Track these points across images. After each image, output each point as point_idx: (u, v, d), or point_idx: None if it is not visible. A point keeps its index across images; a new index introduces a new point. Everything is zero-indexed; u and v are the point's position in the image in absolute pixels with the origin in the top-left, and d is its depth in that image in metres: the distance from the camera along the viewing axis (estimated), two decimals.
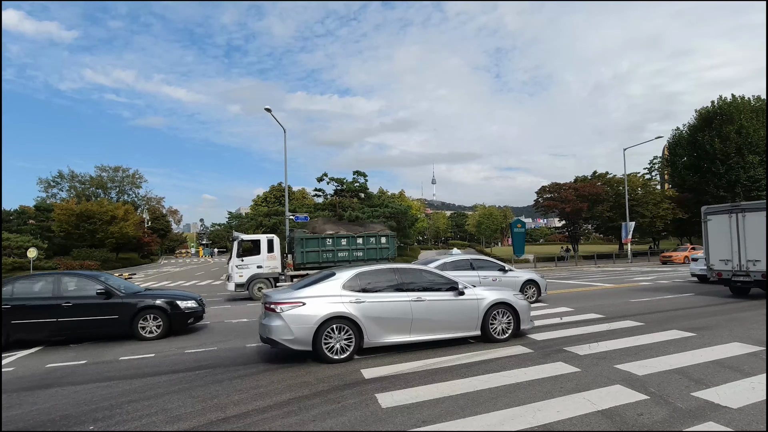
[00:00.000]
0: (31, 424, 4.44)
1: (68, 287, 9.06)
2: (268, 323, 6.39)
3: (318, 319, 6.31)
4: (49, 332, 8.73)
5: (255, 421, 4.23)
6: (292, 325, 6.25)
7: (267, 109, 25.62)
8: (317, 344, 6.30)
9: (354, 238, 17.97)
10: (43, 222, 54.51)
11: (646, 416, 3.98)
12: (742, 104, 41.08)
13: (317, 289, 6.63)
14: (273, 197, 61.49)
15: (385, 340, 6.68)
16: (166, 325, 9.21)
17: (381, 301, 6.74)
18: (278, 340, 6.30)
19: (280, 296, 6.59)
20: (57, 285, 9.03)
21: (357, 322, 6.48)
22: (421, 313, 6.86)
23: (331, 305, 6.45)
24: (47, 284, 9.04)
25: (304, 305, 6.38)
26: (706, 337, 7.04)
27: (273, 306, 6.40)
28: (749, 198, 39.58)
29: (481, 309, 7.25)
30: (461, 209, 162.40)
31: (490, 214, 70.48)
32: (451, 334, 7.11)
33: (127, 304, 9.11)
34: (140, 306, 9.14)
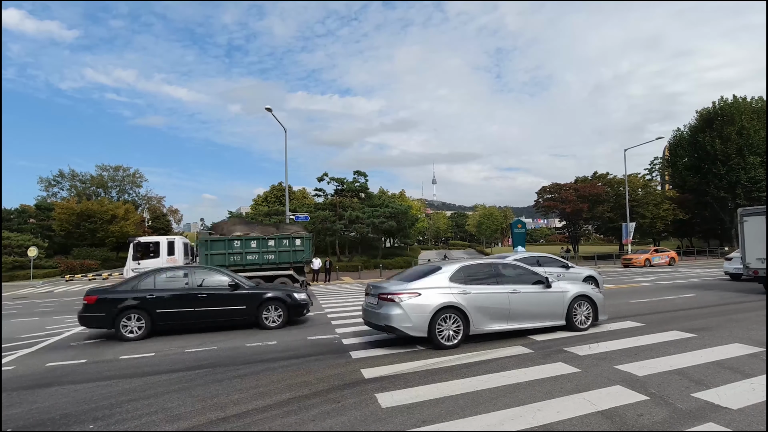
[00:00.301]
0: (31, 422, 4.44)
1: (200, 279, 9.71)
2: (387, 312, 6.92)
3: (433, 309, 6.88)
4: (188, 321, 9.43)
5: (255, 421, 4.23)
6: (410, 314, 6.83)
7: (268, 109, 25.63)
8: (432, 331, 6.87)
9: (265, 240, 17.03)
10: (43, 221, 54.54)
11: (647, 417, 3.98)
12: (743, 105, 41.08)
13: (428, 281, 7.22)
14: (273, 197, 61.50)
15: (487, 328, 7.30)
16: (286, 315, 9.89)
17: (484, 292, 7.34)
18: (399, 327, 6.83)
19: (396, 287, 7.16)
20: (191, 277, 9.70)
21: (464, 312, 7.07)
22: (517, 304, 7.49)
23: (443, 296, 7.05)
24: (182, 276, 9.74)
25: (420, 296, 6.97)
26: (706, 338, 7.03)
27: (391, 296, 6.98)
28: (750, 199, 39.57)
29: (565, 301, 7.93)
30: (461, 209, 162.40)
31: (490, 215, 70.54)
32: (541, 323, 7.73)
33: (254, 295, 9.79)
34: (264, 297, 9.81)
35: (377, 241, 47.89)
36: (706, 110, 43.25)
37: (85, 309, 9.01)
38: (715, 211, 43.34)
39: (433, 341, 6.90)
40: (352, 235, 42.62)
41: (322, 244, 42.74)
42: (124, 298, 9.06)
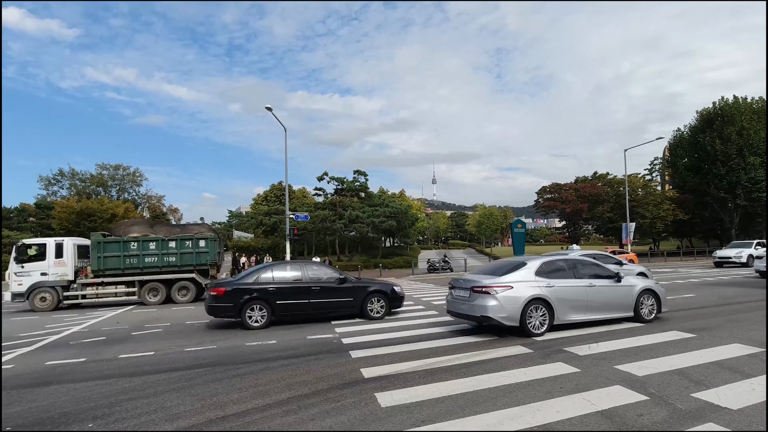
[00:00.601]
0: (31, 421, 4.44)
1: (313, 273, 10.46)
2: (483, 303, 7.54)
3: (524, 300, 7.52)
4: (303, 311, 10.12)
5: (254, 420, 4.23)
6: (505, 305, 7.45)
7: (268, 108, 25.62)
8: (523, 321, 7.50)
9: (165, 241, 16.22)
10: (43, 220, 54.55)
11: (646, 417, 3.98)
12: (743, 105, 41.06)
13: (517, 276, 7.83)
14: (273, 196, 61.51)
15: (568, 318, 7.91)
16: (387, 306, 10.55)
17: (566, 285, 7.98)
18: (495, 317, 7.45)
19: (489, 281, 7.74)
20: (305, 271, 10.41)
21: (550, 303, 7.70)
22: (593, 296, 8.14)
23: (532, 288, 7.68)
24: (296, 270, 10.43)
25: (512, 288, 7.60)
26: (706, 338, 7.03)
27: (486, 289, 7.60)
28: (750, 200, 39.58)
29: (633, 294, 8.54)
30: (461, 209, 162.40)
31: (490, 214, 70.56)
32: (613, 314, 8.37)
33: (360, 288, 10.54)
34: (369, 290, 10.57)
35: (377, 241, 47.93)
36: (706, 110, 43.23)
37: (215, 300, 9.64)
38: (715, 212, 43.35)
39: (525, 330, 7.51)
40: (351, 235, 42.64)
41: (322, 243, 42.80)
42: (248, 290, 9.72)
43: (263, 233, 46.65)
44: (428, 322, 9.68)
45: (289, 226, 27.65)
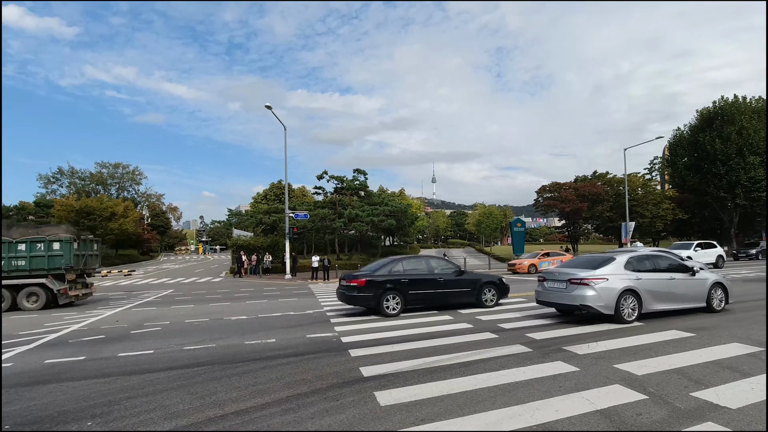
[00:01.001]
0: (29, 419, 4.43)
1: (436, 266, 11.58)
2: (582, 293, 8.39)
3: (618, 291, 8.37)
4: (430, 300, 11.16)
5: (253, 419, 4.22)
6: (602, 295, 8.30)
7: (267, 107, 25.58)
8: (617, 310, 8.35)
9: (14, 243, 14.64)
10: (42, 218, 54.47)
11: (645, 416, 3.98)
12: (743, 105, 41.04)
13: (609, 269, 8.64)
14: (273, 195, 61.48)
15: (653, 307, 8.70)
16: (497, 295, 11.65)
17: (651, 278, 8.80)
18: (593, 306, 8.28)
19: (586, 274, 8.59)
20: (428, 264, 11.47)
21: (639, 294, 8.52)
22: (674, 288, 8.97)
23: (623, 281, 8.52)
24: (423, 263, 11.49)
25: (608, 280, 8.43)
26: (705, 338, 7.03)
27: (585, 281, 8.46)
28: (749, 199, 39.59)
29: (706, 286, 9.40)
30: (461, 208, 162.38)
31: (490, 213, 70.39)
32: (689, 305, 9.20)
33: (475, 280, 11.59)
34: (483, 281, 11.60)
35: (376, 240, 47.90)
36: (706, 110, 43.20)
37: (356, 290, 10.60)
38: (715, 211, 43.36)
39: (619, 318, 8.37)
40: (351, 233, 42.62)
41: (322, 242, 42.76)
42: (385, 281, 10.68)
43: (263, 232, 46.64)
44: (428, 321, 9.68)
45: (288, 225, 27.65)
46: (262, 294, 17.87)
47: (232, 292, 18.91)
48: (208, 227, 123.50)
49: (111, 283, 27.13)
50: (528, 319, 9.44)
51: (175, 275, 33.43)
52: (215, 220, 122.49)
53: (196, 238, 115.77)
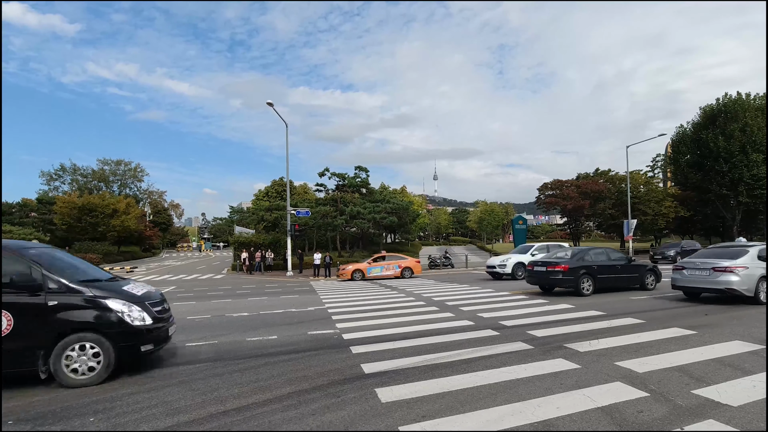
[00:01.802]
0: (32, 415, 4.46)
1: (612, 254, 14.01)
2: (727, 279, 10.10)
3: (757, 277, 10.08)
4: (611, 284, 13.44)
5: (254, 415, 4.24)
6: (745, 280, 10.02)
7: (269, 104, 25.56)
8: (756, 293, 10.06)
9: None
10: (45, 215, 54.67)
11: (646, 413, 3.98)
12: (746, 102, 40.77)
13: (746, 259, 10.24)
14: (274, 192, 61.52)
15: None
16: (657, 280, 14.09)
17: None
18: (738, 289, 9.97)
19: (729, 263, 10.20)
20: (607, 254, 13.92)
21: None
22: None
23: (758, 269, 10.14)
24: (602, 253, 13.86)
25: (748, 269, 10.11)
26: (707, 335, 7.02)
27: (730, 269, 10.11)
28: (752, 197, 39.41)
29: None
30: (463, 205, 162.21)
31: (491, 211, 70.30)
32: None
33: (642, 266, 14.13)
34: (647, 268, 14.16)
35: (378, 237, 47.89)
36: (709, 107, 42.95)
37: (561, 274, 12.82)
38: (717, 209, 43.19)
39: (756, 300, 10.01)
40: (353, 231, 42.63)
41: (323, 239, 42.77)
42: (580, 267, 12.94)
43: (264, 229, 46.67)
44: (430, 318, 9.69)
45: (290, 222, 27.68)
46: (263, 291, 17.91)
47: (234, 289, 18.96)
48: (210, 224, 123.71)
49: None
50: (529, 316, 9.44)
51: (177, 272, 33.51)
52: (217, 217, 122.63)
53: (198, 235, 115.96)
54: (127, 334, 5.58)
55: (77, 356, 5.35)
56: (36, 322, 5.25)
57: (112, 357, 5.48)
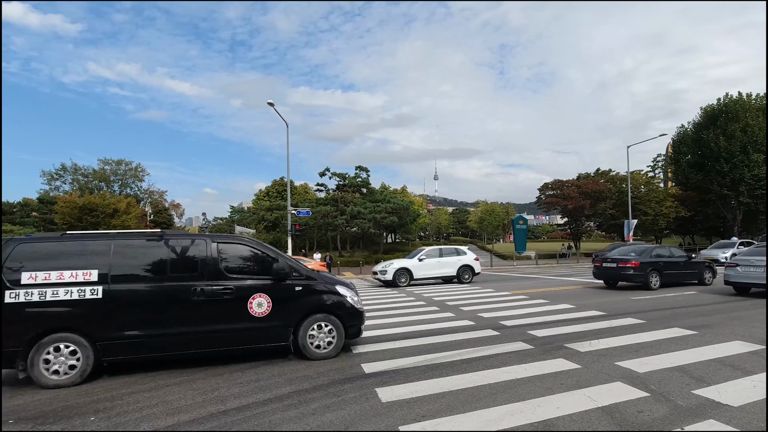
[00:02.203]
0: (33, 414, 4.47)
1: (673, 252, 15.10)
2: None
3: None
4: (675, 279, 14.54)
5: (255, 414, 4.24)
6: None
7: (270, 103, 25.56)
8: None
9: None
10: (46, 214, 54.69)
11: (647, 413, 3.98)
12: (747, 102, 40.72)
13: None
14: (275, 191, 61.55)
15: None
16: (712, 278, 15.08)
17: None
18: None
19: None
20: (670, 251, 14.93)
21: None
22: None
23: None
24: (666, 250, 15.01)
25: None
26: (707, 336, 7.02)
27: None
28: (753, 197, 39.37)
29: None
30: (463, 205, 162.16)
31: (492, 211, 70.27)
32: None
33: (700, 263, 15.22)
34: (705, 264, 15.17)
35: (378, 237, 47.90)
36: (710, 107, 42.90)
37: (632, 269, 13.88)
38: (718, 209, 43.17)
39: None
40: (353, 230, 42.67)
41: (324, 238, 42.82)
42: (649, 264, 13.99)
43: (265, 228, 46.71)
44: (430, 318, 9.69)
45: (290, 222, 27.68)
46: None
47: None
48: (211, 224, 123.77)
49: None
50: (530, 316, 9.44)
51: None
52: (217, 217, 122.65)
53: None
54: (352, 315, 6.57)
55: (317, 334, 6.30)
56: (287, 305, 6.21)
57: (342, 335, 6.42)
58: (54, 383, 5.26)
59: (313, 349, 6.23)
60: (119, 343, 5.55)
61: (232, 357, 6.57)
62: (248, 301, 6.01)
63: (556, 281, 18.21)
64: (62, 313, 5.39)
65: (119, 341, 5.54)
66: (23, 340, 5.23)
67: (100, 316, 5.48)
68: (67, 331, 5.38)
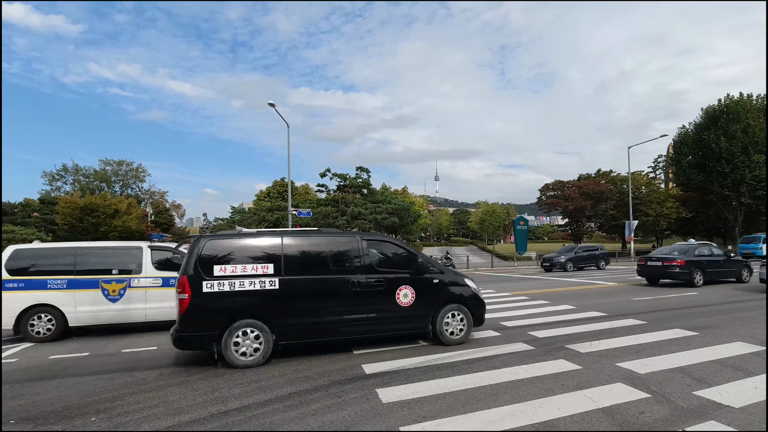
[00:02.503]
0: (34, 414, 4.47)
1: (714, 251, 15.67)
2: None
3: None
4: (716, 276, 15.16)
5: (255, 415, 4.24)
6: None
7: (270, 104, 25.58)
8: None
9: None
10: (47, 215, 54.76)
11: (648, 414, 3.97)
12: (748, 103, 40.67)
13: None
14: (276, 192, 61.58)
15: None
16: (749, 275, 15.72)
17: None
18: None
19: None
20: (711, 249, 15.64)
21: None
22: None
23: None
24: (705, 249, 15.46)
25: None
26: (708, 337, 7.00)
27: None
28: (754, 198, 39.30)
29: None
30: (464, 206, 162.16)
31: (492, 212, 70.28)
32: None
33: (738, 262, 15.83)
34: (743, 263, 15.84)
35: None
36: (711, 108, 42.85)
37: (678, 268, 14.44)
38: (719, 210, 43.11)
39: None
40: (354, 231, 42.68)
41: None
42: (694, 262, 14.65)
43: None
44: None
45: (291, 222, 27.69)
46: None
47: None
48: (212, 224, 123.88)
49: None
50: (530, 317, 9.43)
51: None
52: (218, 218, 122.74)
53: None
54: (478, 305, 7.30)
55: (451, 321, 7.02)
56: (428, 296, 6.93)
57: (471, 323, 7.15)
58: (243, 363, 5.92)
59: (448, 335, 6.93)
60: (291, 329, 6.24)
61: None
62: (396, 292, 6.75)
63: (557, 282, 18.19)
64: (248, 302, 6.06)
65: (291, 327, 6.24)
66: (218, 325, 5.91)
67: (277, 304, 6.17)
68: (252, 318, 6.05)
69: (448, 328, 6.93)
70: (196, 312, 5.87)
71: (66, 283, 8.59)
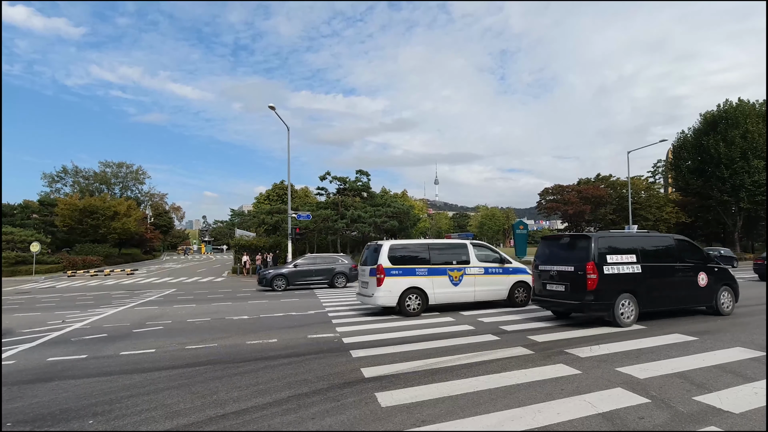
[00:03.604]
0: (31, 417, 4.45)
1: None
2: None
3: None
4: None
5: (254, 418, 4.22)
6: None
7: (271, 107, 25.63)
8: None
9: None
10: (46, 216, 54.72)
11: (647, 420, 3.96)
12: (747, 108, 40.84)
13: None
14: (275, 195, 61.60)
15: None
16: None
17: None
18: None
19: None
20: None
21: None
22: None
23: None
24: None
25: None
26: (708, 342, 6.99)
27: None
28: (753, 203, 39.38)
29: None
30: (463, 210, 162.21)
31: (492, 215, 70.41)
32: None
33: None
34: None
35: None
36: (710, 113, 43.03)
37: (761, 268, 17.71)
38: (719, 215, 43.18)
39: None
40: (353, 235, 42.62)
41: (324, 242, 42.76)
42: None
43: (265, 232, 46.66)
44: (430, 322, 9.67)
45: (291, 225, 27.68)
46: (263, 294, 17.89)
47: (234, 292, 18.93)
48: (211, 227, 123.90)
49: (113, 281, 27.21)
50: (529, 321, 9.42)
51: (177, 275, 33.48)
52: (218, 220, 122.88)
53: (198, 238, 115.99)
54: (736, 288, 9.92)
55: (725, 300, 9.65)
56: (712, 280, 9.51)
57: (734, 301, 9.86)
58: (626, 324, 8.34)
59: (724, 308, 9.52)
60: (647, 300, 8.69)
61: (233, 360, 6.56)
62: (697, 276, 9.30)
63: None
64: (626, 281, 8.50)
65: (647, 298, 8.69)
66: (612, 297, 8.28)
67: (640, 282, 8.64)
68: (628, 292, 8.48)
69: (723, 302, 9.57)
70: (602, 286, 8.20)
71: (427, 271, 10.83)
